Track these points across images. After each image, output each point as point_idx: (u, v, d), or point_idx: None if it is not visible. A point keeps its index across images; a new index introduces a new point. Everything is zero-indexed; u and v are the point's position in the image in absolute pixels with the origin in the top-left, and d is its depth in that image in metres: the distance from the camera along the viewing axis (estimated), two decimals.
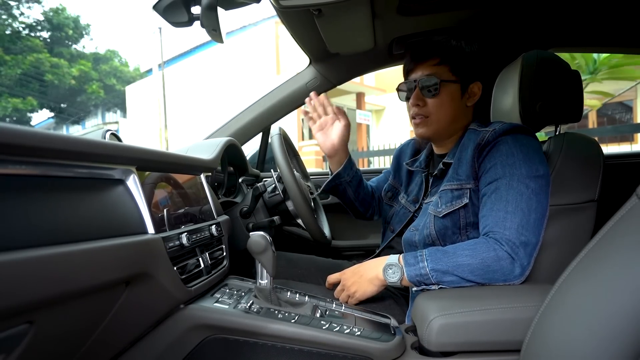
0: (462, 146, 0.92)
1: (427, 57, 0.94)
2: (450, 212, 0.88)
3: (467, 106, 0.97)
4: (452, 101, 0.94)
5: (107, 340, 0.57)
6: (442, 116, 0.95)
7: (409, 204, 1.06)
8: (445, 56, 0.93)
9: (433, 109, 0.95)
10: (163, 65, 12.16)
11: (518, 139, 0.86)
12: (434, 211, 0.90)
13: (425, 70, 0.94)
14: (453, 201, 0.88)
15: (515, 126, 0.87)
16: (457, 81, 0.93)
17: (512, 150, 0.84)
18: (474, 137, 0.90)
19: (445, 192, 0.90)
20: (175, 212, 0.70)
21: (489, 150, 0.86)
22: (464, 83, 0.94)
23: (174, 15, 0.87)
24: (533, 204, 0.80)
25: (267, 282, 0.74)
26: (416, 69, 0.96)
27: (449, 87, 0.93)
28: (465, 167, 0.88)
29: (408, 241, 0.95)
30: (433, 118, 0.95)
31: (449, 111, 0.94)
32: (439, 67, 0.93)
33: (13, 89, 16.63)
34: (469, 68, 0.94)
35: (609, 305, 0.46)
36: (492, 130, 0.87)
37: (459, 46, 0.94)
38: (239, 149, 1.26)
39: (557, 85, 0.95)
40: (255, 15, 15.83)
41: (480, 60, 0.96)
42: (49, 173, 0.45)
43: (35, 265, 0.38)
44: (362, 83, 11.01)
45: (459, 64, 0.93)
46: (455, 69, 0.93)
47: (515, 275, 0.77)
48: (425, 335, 0.68)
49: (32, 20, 18.68)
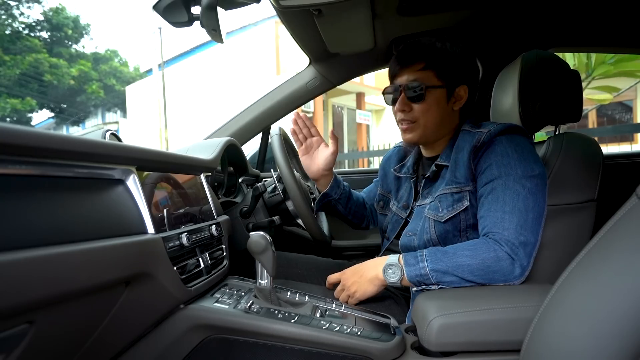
0: (457, 148, 0.91)
1: (412, 61, 0.93)
2: (452, 216, 0.88)
3: (454, 110, 0.96)
4: (438, 106, 0.93)
5: (107, 340, 0.57)
6: (429, 121, 0.94)
7: (400, 210, 1.05)
8: (430, 61, 0.92)
9: (419, 114, 0.94)
10: (163, 65, 12.15)
11: (513, 139, 0.86)
12: (435, 216, 0.90)
13: (411, 75, 0.93)
14: (454, 205, 0.88)
15: (509, 126, 0.87)
16: (442, 86, 0.92)
17: (507, 150, 0.84)
18: (469, 138, 0.89)
19: (444, 195, 0.90)
20: (175, 212, 0.70)
21: (485, 151, 0.86)
22: (450, 87, 0.93)
23: (174, 15, 0.87)
24: (530, 204, 0.80)
25: (267, 282, 0.73)
26: (401, 73, 0.95)
27: (434, 92, 0.92)
28: (462, 169, 0.88)
29: (405, 246, 0.94)
30: (420, 123, 0.94)
31: (436, 116, 0.94)
32: (424, 72, 0.92)
33: (12, 89, 16.61)
34: (454, 72, 0.93)
35: (609, 305, 0.46)
36: (487, 132, 0.87)
37: (443, 49, 0.93)
38: (239, 149, 1.26)
39: (556, 85, 0.95)
40: (255, 15, 15.80)
41: (465, 63, 0.95)
42: (49, 173, 0.45)
43: (35, 265, 0.38)
44: (362, 83, 11.00)
45: (444, 68, 0.92)
46: (441, 73, 0.92)
47: (515, 276, 0.77)
48: (425, 335, 0.68)
49: (32, 20, 18.67)
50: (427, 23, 1.19)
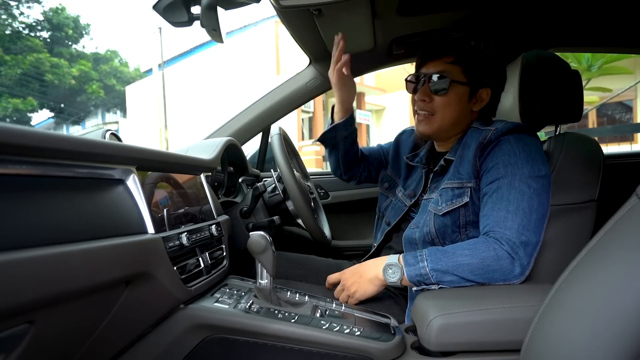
0: (464, 144, 0.91)
1: (443, 53, 0.92)
2: (450, 210, 0.87)
3: (473, 111, 0.95)
4: (458, 102, 0.92)
5: (107, 340, 0.57)
6: (447, 116, 0.93)
7: (405, 197, 1.05)
8: (460, 56, 0.91)
9: (439, 107, 0.93)
10: (163, 65, 12.16)
11: (521, 138, 0.85)
12: (434, 209, 0.90)
13: (438, 66, 0.92)
14: (454, 199, 0.88)
15: (518, 125, 0.87)
16: (467, 83, 0.92)
17: (515, 149, 0.84)
18: (476, 135, 0.89)
19: (445, 190, 0.90)
20: (175, 212, 0.70)
21: (491, 149, 0.86)
22: (474, 87, 0.92)
23: (174, 15, 0.87)
24: (534, 204, 0.80)
25: (267, 282, 0.73)
26: (429, 64, 0.94)
27: (458, 88, 0.92)
28: (467, 165, 0.88)
29: (408, 239, 0.94)
30: (437, 116, 0.93)
31: (454, 112, 0.93)
32: (452, 65, 0.91)
33: (13, 89, 16.62)
34: (482, 72, 0.92)
35: (609, 305, 0.46)
36: (495, 130, 0.87)
37: (476, 48, 0.91)
38: (239, 148, 1.26)
39: (557, 85, 0.95)
40: (255, 15, 15.82)
41: (495, 66, 0.94)
42: (49, 173, 0.45)
43: (35, 265, 0.38)
44: (362, 83, 11.01)
45: (473, 66, 0.91)
46: (468, 71, 0.91)
47: (515, 275, 0.77)
48: (425, 335, 0.68)
49: (32, 20, 18.70)
50: (427, 23, 1.19)
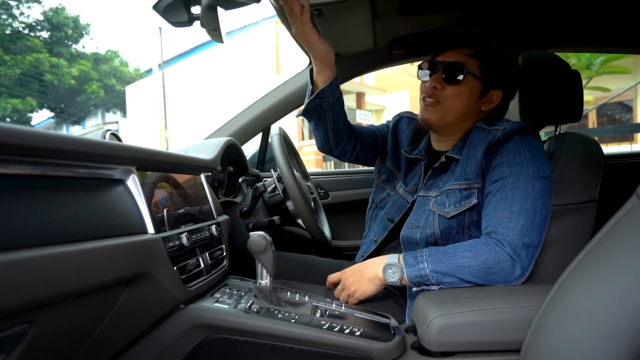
0: (470, 144, 0.89)
1: (463, 44, 0.91)
2: (458, 212, 0.86)
3: (481, 110, 0.94)
4: (469, 96, 0.91)
5: (107, 340, 0.57)
6: (454, 107, 0.91)
7: (407, 194, 1.02)
8: (480, 50, 0.90)
9: (449, 96, 0.91)
10: (163, 65, 12.16)
11: (525, 138, 0.85)
12: (441, 211, 0.88)
13: (456, 56, 0.90)
14: (462, 201, 0.86)
15: (524, 125, 0.86)
16: (481, 79, 0.90)
17: (520, 149, 0.83)
18: (483, 135, 0.88)
19: (452, 191, 0.88)
20: (175, 212, 0.70)
21: (497, 148, 0.85)
22: (487, 85, 0.91)
23: (174, 15, 0.87)
24: (538, 205, 0.79)
25: (267, 282, 0.73)
26: (446, 52, 0.92)
27: (471, 82, 0.90)
28: (473, 165, 0.87)
29: (407, 239, 0.93)
30: (445, 105, 0.91)
31: (463, 105, 0.91)
32: (470, 58, 0.90)
33: (12, 89, 16.62)
34: (497, 73, 0.91)
35: (609, 305, 0.46)
36: (503, 129, 0.86)
37: (497, 48, 0.91)
38: (239, 148, 1.26)
39: (557, 85, 0.95)
40: (255, 15, 15.81)
41: (511, 71, 0.93)
42: (49, 173, 0.45)
43: (35, 265, 0.38)
44: (362, 83, 11.01)
45: (490, 64, 0.90)
46: (485, 67, 0.90)
47: (516, 277, 0.76)
48: (425, 335, 0.68)
49: (32, 20, 18.67)
50: (427, 23, 1.19)
